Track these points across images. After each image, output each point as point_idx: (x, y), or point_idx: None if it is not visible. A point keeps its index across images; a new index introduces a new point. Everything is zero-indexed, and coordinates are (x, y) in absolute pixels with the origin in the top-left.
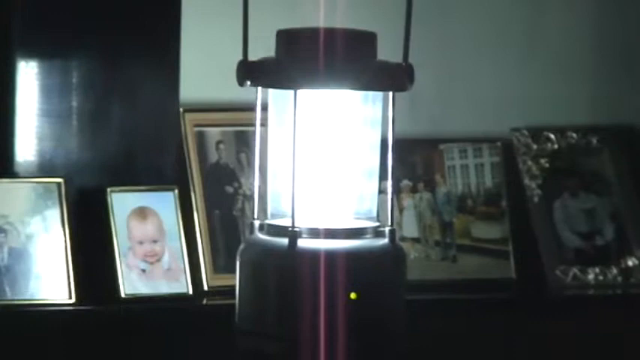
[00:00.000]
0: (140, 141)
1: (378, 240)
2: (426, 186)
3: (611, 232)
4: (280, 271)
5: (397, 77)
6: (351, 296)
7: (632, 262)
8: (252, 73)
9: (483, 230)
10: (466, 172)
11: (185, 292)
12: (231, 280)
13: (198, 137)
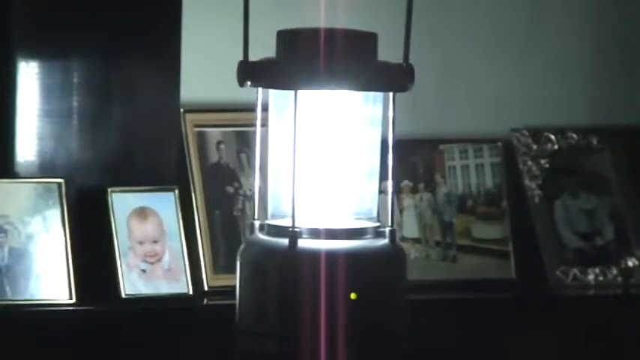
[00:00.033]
0: (140, 141)
1: (379, 240)
2: (426, 186)
3: (611, 233)
4: (280, 271)
5: (398, 78)
6: (352, 296)
7: (633, 262)
8: (252, 74)
9: (484, 230)
10: (466, 173)
11: (185, 292)
12: (232, 280)
13: (198, 137)
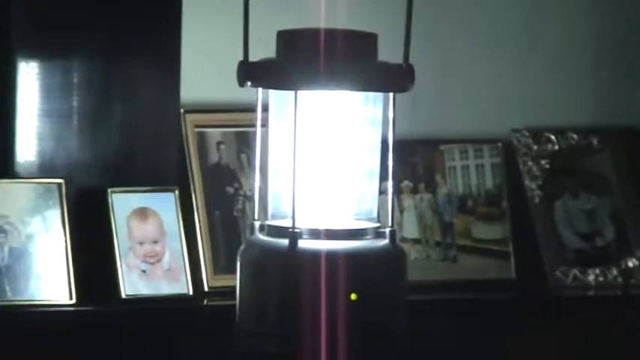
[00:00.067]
0: (141, 141)
1: (379, 241)
2: (426, 187)
3: (611, 233)
4: (281, 271)
5: (398, 78)
6: (352, 297)
7: (633, 262)
8: (252, 74)
9: (484, 231)
10: (467, 173)
11: (185, 292)
12: (232, 280)
13: (198, 138)
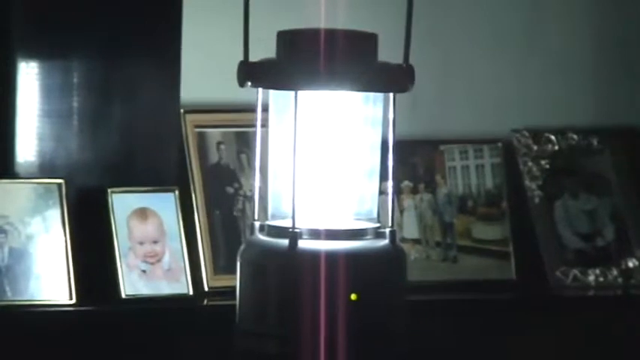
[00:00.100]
0: (141, 141)
1: (379, 241)
2: (426, 187)
3: (611, 233)
4: (281, 271)
5: (398, 78)
6: (352, 297)
7: (633, 263)
8: (252, 74)
9: (484, 231)
10: (467, 173)
11: (185, 292)
12: (232, 280)
13: (198, 138)
